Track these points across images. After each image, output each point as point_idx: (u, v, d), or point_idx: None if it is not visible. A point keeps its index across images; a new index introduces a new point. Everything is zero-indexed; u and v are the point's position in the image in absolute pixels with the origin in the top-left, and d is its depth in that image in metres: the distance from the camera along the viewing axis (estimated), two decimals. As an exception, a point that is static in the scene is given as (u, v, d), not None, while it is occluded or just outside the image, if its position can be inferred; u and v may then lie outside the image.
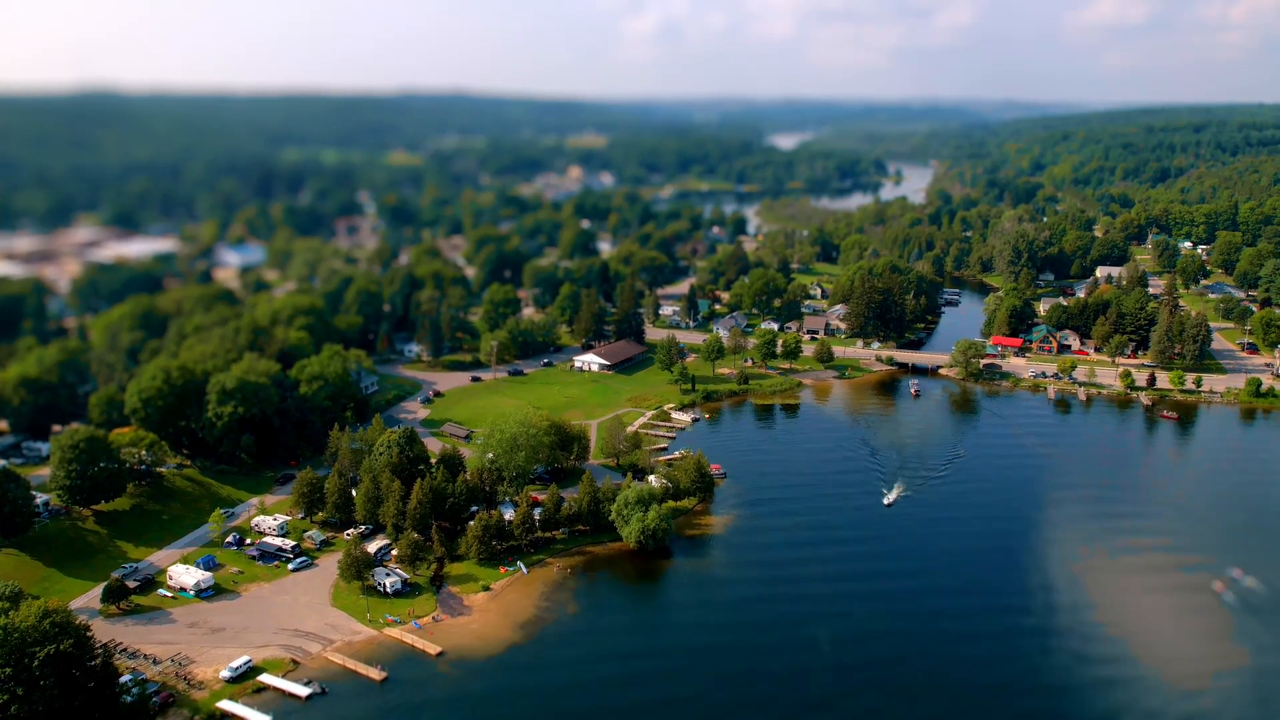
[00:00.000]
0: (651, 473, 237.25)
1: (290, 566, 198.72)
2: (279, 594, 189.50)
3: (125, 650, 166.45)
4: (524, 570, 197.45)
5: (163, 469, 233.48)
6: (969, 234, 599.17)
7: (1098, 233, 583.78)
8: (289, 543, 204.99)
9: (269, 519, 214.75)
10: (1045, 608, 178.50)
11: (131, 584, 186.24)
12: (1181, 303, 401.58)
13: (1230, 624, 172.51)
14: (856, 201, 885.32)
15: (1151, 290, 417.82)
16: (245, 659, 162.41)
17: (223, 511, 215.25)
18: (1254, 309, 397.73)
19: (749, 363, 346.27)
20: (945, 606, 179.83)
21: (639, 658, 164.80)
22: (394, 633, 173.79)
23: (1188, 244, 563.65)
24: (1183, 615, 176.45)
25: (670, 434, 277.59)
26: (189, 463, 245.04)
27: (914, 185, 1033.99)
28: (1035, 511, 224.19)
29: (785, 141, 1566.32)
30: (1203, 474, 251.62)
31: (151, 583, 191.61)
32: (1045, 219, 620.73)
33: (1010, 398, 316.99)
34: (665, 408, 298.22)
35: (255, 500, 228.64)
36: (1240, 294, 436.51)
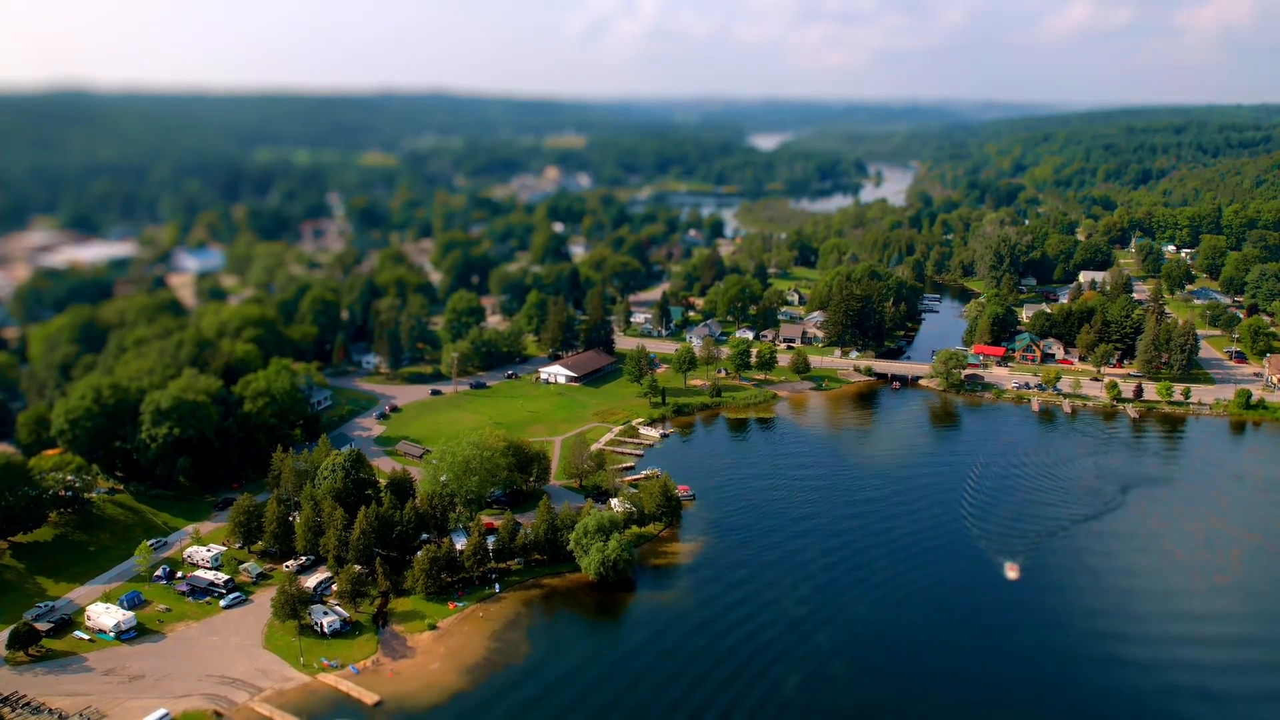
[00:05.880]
0: (615, 495, 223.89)
1: (222, 603, 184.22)
2: (208, 634, 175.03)
3: (29, 704, 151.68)
4: (498, 589, 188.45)
5: (92, 495, 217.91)
6: (950, 237, 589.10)
7: (1080, 236, 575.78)
8: (222, 576, 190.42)
9: (203, 549, 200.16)
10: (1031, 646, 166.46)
11: (44, 626, 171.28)
12: (1168, 309, 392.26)
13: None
14: (836, 203, 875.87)
15: (1135, 296, 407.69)
16: (162, 712, 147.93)
17: (150, 543, 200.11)
18: (1240, 315, 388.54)
19: (722, 374, 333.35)
20: (929, 646, 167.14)
21: (596, 705, 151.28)
22: (329, 679, 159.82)
23: (1171, 247, 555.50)
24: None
25: (638, 451, 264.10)
26: (121, 488, 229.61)
27: (895, 187, 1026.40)
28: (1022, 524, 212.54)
29: (765, 142, 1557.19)
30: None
31: (69, 624, 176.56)
32: (1027, 222, 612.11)
33: (993, 409, 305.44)
34: (634, 423, 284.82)
35: (190, 528, 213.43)
36: (1226, 300, 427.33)
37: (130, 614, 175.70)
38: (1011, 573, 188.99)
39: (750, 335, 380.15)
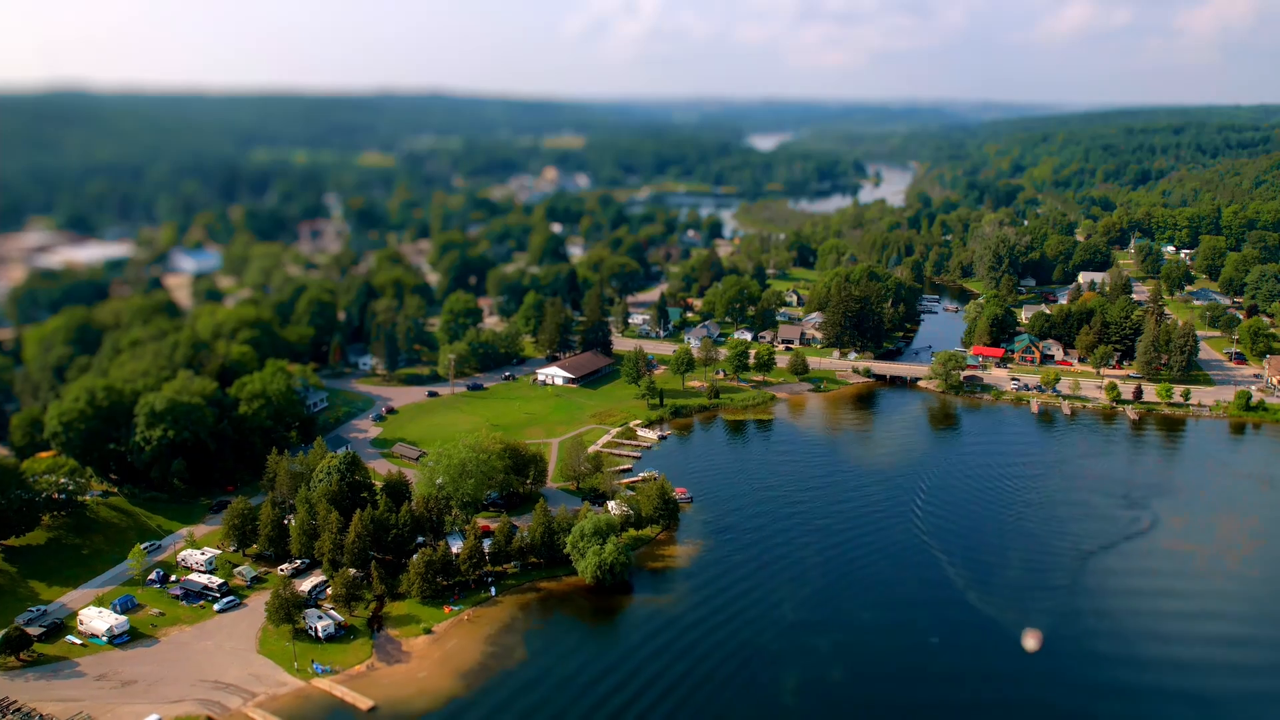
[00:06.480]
0: (613, 497, 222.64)
1: (216, 607, 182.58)
2: (201, 639, 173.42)
3: (20, 709, 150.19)
4: (494, 592, 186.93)
5: (86, 498, 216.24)
6: (949, 238, 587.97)
7: (1079, 236, 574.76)
8: (216, 580, 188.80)
9: (197, 553, 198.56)
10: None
11: (35, 631, 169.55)
12: (1167, 310, 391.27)
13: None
14: (835, 204, 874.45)
15: (1135, 297, 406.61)
16: (155, 718, 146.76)
17: (144, 546, 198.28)
18: (1240, 317, 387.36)
19: (720, 375, 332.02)
20: (929, 651, 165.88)
21: (593, 710, 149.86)
22: (323, 684, 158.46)
23: (1170, 248, 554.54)
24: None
25: (635, 454, 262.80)
26: (116, 490, 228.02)
27: (893, 187, 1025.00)
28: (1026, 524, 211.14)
29: (764, 142, 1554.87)
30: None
31: (61, 628, 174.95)
32: (1026, 222, 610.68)
33: (992, 411, 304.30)
34: (631, 425, 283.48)
35: (185, 531, 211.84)
36: (1226, 301, 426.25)
37: (123, 618, 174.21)
38: (1031, 641, 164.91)
39: (748, 336, 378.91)
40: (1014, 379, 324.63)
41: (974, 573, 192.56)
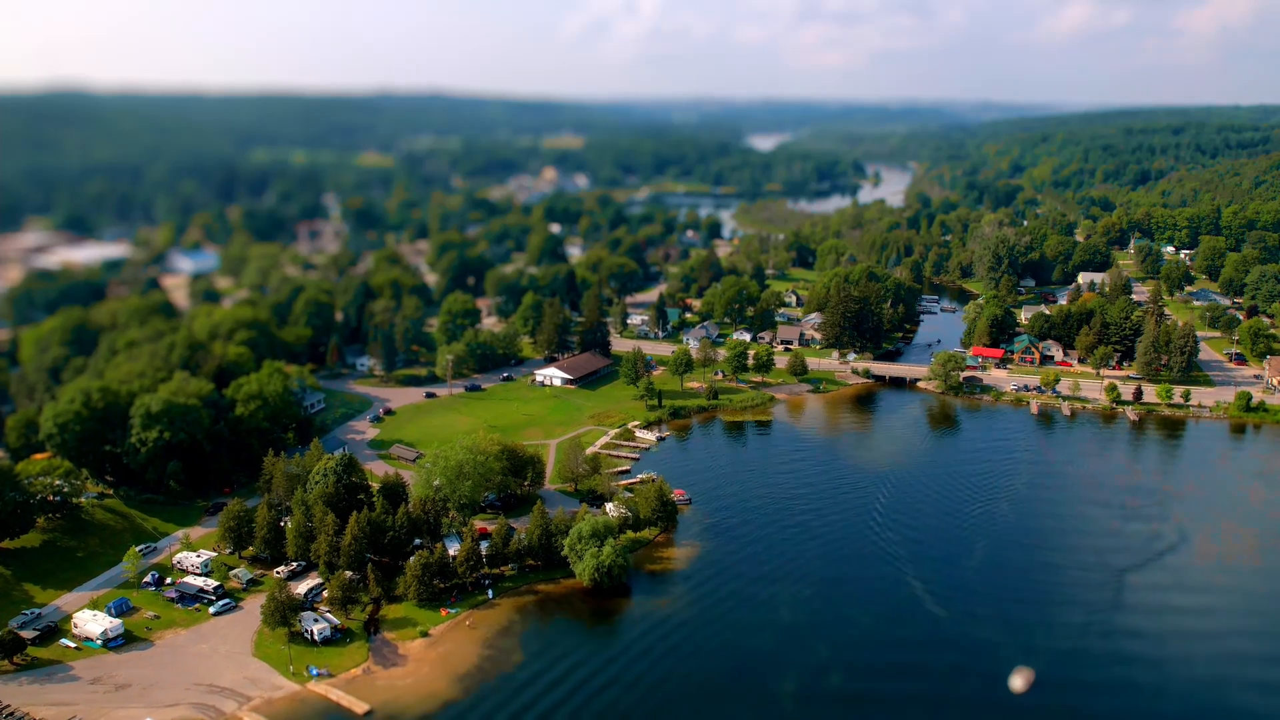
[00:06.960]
0: (611, 499, 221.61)
1: (212, 610, 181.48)
2: (197, 642, 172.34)
3: (12, 714, 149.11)
4: (491, 595, 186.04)
5: (81, 500, 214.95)
6: (948, 238, 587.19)
7: (1079, 237, 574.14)
8: (211, 583, 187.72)
9: (192, 555, 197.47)
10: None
11: (29, 634, 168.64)
12: (1167, 311, 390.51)
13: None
14: (834, 204, 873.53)
15: (1135, 297, 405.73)
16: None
17: (139, 549, 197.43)
18: (1240, 317, 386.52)
19: (719, 376, 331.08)
20: (930, 656, 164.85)
21: (590, 714, 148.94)
22: (318, 688, 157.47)
23: (1170, 249, 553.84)
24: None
25: (634, 455, 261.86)
26: (111, 492, 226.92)
27: (893, 188, 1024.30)
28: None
29: (763, 143, 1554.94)
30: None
31: (55, 631, 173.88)
32: (1025, 223, 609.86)
33: (992, 412, 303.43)
34: (629, 426, 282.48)
35: (181, 534, 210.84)
36: (1226, 301, 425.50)
37: (118, 621, 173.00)
38: (1018, 680, 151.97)
39: (747, 337, 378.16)
40: (1028, 387, 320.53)
41: (974, 576, 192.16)
